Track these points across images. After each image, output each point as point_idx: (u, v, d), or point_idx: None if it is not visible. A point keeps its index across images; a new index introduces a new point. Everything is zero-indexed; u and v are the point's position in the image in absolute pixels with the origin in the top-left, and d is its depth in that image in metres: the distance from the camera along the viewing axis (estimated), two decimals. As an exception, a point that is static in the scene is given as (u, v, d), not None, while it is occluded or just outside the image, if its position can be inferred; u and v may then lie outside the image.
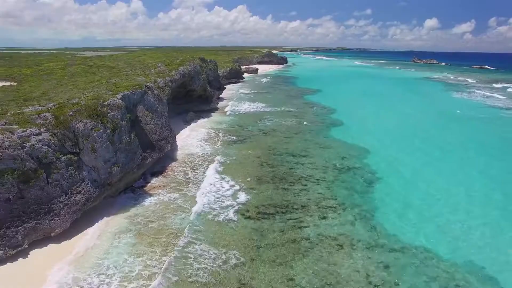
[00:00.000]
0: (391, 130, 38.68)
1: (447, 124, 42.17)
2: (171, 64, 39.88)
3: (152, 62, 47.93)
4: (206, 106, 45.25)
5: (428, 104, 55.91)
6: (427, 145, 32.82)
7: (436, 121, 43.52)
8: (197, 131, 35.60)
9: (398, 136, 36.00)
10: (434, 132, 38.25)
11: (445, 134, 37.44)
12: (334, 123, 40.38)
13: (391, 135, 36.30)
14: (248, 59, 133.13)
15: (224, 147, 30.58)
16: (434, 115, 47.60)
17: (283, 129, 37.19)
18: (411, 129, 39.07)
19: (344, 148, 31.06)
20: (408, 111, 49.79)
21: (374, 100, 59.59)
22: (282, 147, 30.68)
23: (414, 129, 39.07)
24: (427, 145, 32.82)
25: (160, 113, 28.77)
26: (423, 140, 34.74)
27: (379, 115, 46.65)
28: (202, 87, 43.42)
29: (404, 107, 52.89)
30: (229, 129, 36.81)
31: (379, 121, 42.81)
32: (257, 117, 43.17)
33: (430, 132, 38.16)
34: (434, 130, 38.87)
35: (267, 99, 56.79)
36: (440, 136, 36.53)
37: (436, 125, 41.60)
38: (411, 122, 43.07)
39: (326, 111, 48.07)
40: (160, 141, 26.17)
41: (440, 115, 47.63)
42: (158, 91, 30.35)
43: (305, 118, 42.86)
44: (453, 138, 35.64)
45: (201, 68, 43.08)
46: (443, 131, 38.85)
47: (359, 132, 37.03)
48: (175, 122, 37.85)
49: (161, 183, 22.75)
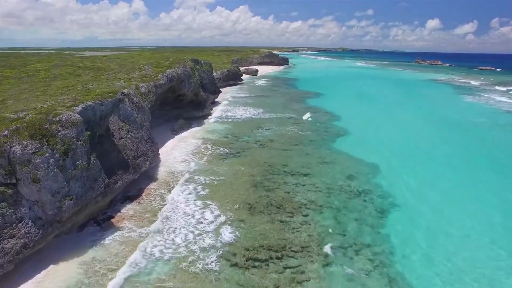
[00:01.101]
0: (402, 141, 34.74)
1: (465, 134, 38.18)
2: (158, 66, 36.08)
3: (145, 63, 44.29)
4: (198, 112, 41.41)
5: (440, 110, 51.87)
6: (445, 162, 28.85)
7: (452, 131, 39.49)
8: (185, 142, 31.76)
9: (411, 149, 32.05)
10: (451, 144, 34.20)
11: (464, 146, 33.44)
12: (338, 133, 36.48)
13: (402, 148, 32.37)
14: (248, 60, 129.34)
15: (213, 163, 26.73)
16: (448, 123, 43.59)
17: (282, 140, 33.31)
18: (424, 141, 35.10)
19: (350, 164, 27.17)
20: (418, 119, 45.80)
21: (381, 105, 55.63)
22: (281, 163, 26.81)
23: (427, 141, 35.10)
24: (445, 162, 28.85)
25: (140, 124, 24.98)
26: (441, 155, 30.75)
27: (387, 123, 42.71)
28: (194, 91, 39.58)
29: (414, 114, 48.89)
30: (221, 140, 32.96)
31: (387, 130, 38.86)
32: (254, 124, 39.31)
33: (447, 144, 34.14)
34: (452, 143, 34.81)
35: (266, 104, 52.91)
36: (459, 149, 32.53)
37: (453, 136, 37.59)
38: (423, 131, 39.10)
39: (329, 117, 44.17)
40: (136, 158, 22.35)
41: (455, 123, 43.63)
42: (138, 98, 26.56)
43: (306, 126, 38.97)
44: (475, 152, 31.66)
45: (192, 71, 39.26)
46: (461, 143, 34.83)
47: (366, 143, 33.11)
48: (161, 131, 34.09)
49: (134, 212, 18.93)
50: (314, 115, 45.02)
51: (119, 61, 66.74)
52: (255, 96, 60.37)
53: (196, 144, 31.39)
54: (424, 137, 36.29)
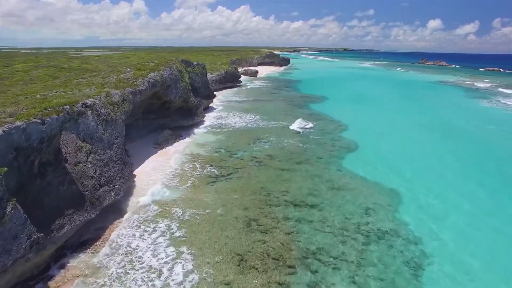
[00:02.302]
0: (423, 157, 29.88)
1: (495, 150, 33.35)
2: (141, 69, 31.30)
3: (136, 63, 39.53)
4: (188, 121, 36.61)
5: (459, 119, 46.98)
6: (482, 184, 24.03)
7: (480, 144, 34.63)
8: (169, 159, 26.98)
9: (436, 168, 27.19)
10: (483, 162, 29.34)
11: (497, 164, 28.60)
12: (348, 146, 31.63)
13: (425, 166, 27.51)
14: (247, 61, 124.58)
15: (199, 188, 21.95)
16: (472, 134, 38.72)
17: (283, 156, 28.51)
18: (452, 157, 30.17)
19: (365, 190, 22.36)
20: (438, 128, 40.88)
21: (391, 111, 50.76)
22: (281, 189, 22.02)
23: (455, 157, 30.15)
24: (482, 184, 24.03)
25: (108, 142, 20.23)
26: (475, 176, 25.94)
27: (402, 133, 37.86)
28: (182, 97, 34.78)
29: (431, 122, 44.02)
30: (212, 156, 28.16)
31: (404, 143, 34.02)
32: (251, 135, 34.50)
33: (479, 162, 29.27)
34: (483, 159, 29.95)
35: (266, 110, 48.10)
36: (493, 168, 27.68)
37: (481, 150, 32.75)
38: (448, 144, 34.08)
39: (335, 127, 39.34)
40: (98, 188, 17.59)
41: (480, 134, 38.79)
42: (108, 108, 21.80)
43: (311, 138, 34.15)
44: (509, 172, 26.85)
45: (181, 74, 34.43)
46: (493, 159, 29.99)
47: (381, 160, 28.29)
48: (143, 145, 29.35)
49: (85, 267, 14.15)
50: (319, 124, 40.19)
51: (109, 62, 62.18)
52: (254, 101, 55.53)
53: (182, 161, 26.59)
54: (451, 152, 31.35)
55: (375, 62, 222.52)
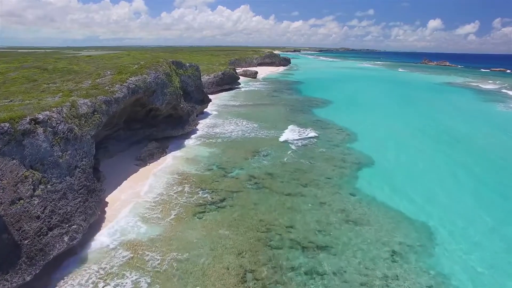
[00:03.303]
0: (453, 176, 25.66)
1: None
2: (122, 72, 27.10)
3: (119, 65, 35.42)
4: (178, 131, 32.42)
5: (480, 126, 42.85)
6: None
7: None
8: (151, 180, 22.81)
9: (473, 190, 23.04)
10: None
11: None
12: (360, 162, 27.45)
13: (457, 188, 23.33)
14: (247, 61, 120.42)
15: (183, 222, 17.79)
16: (499, 146, 34.57)
17: (286, 175, 24.35)
18: (485, 175, 26.06)
19: (387, 223, 18.21)
20: (461, 139, 36.64)
21: (403, 117, 46.56)
22: (284, 222, 17.88)
23: (489, 175, 26.03)
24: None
25: (67, 167, 16.15)
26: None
27: (420, 145, 33.60)
28: (171, 104, 30.61)
29: (452, 132, 39.75)
30: (203, 176, 23.99)
31: (425, 158, 29.75)
32: (248, 148, 30.35)
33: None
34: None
35: (266, 116, 43.94)
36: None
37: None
38: (476, 159, 29.96)
39: (344, 137, 35.14)
40: (44, 234, 13.49)
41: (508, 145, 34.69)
42: (72, 123, 17.69)
43: (316, 151, 29.97)
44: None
45: (168, 77, 30.21)
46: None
47: (402, 181, 24.11)
48: (122, 161, 25.23)
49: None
50: (325, 133, 36.02)
51: (100, 63, 58.18)
52: (252, 105, 51.34)
53: (167, 183, 22.41)
54: (484, 169, 27.18)
55: (377, 63, 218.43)
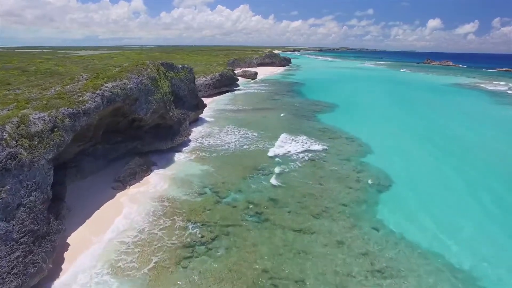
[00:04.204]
0: (479, 204, 21.67)
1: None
2: (99, 77, 23.00)
3: (100, 68, 31.42)
4: (167, 143, 28.31)
5: (500, 134, 38.86)
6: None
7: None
8: (129, 209, 18.73)
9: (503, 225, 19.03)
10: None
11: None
12: (378, 183, 23.33)
13: (488, 221, 19.32)
14: (246, 61, 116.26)
15: (164, 273, 13.73)
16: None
17: (292, 202, 20.27)
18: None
19: (426, 274, 14.16)
20: (479, 152, 32.71)
21: (418, 124, 42.45)
22: (293, 274, 13.82)
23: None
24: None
25: (3, 208, 12.15)
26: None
27: (441, 160, 29.52)
28: (157, 112, 26.52)
29: (469, 143, 35.82)
30: (192, 203, 19.92)
31: (448, 177, 25.72)
32: (247, 163, 26.28)
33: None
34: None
35: (266, 123, 39.89)
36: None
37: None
38: (498, 178, 25.98)
39: (355, 149, 31.04)
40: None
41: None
42: (18, 145, 13.69)
43: (326, 169, 25.87)
44: None
45: (154, 82, 26.07)
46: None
47: (433, 210, 20.05)
48: (97, 182, 21.20)
49: None
50: (334, 144, 31.95)
51: (90, 63, 54.17)
52: (252, 110, 47.24)
53: (149, 214, 18.33)
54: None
55: (378, 62, 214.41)
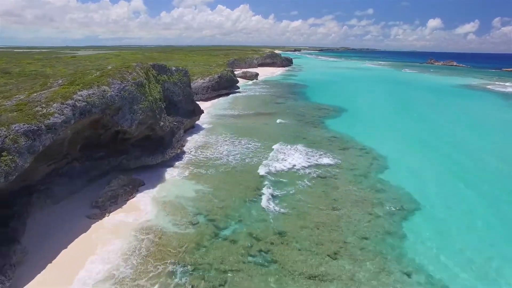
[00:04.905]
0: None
1: None
2: (74, 82, 19.47)
3: (79, 71, 28.00)
4: (157, 157, 24.76)
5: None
6: None
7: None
8: (105, 249, 15.24)
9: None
10: None
11: None
12: (402, 207, 19.81)
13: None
14: (246, 61, 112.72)
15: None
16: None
17: (304, 235, 16.74)
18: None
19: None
20: (509, 161, 29.21)
21: (436, 131, 38.92)
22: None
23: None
24: None
25: None
26: None
27: (469, 175, 26.02)
28: (145, 123, 22.98)
29: (494, 151, 32.31)
30: (183, 237, 16.41)
31: (480, 200, 22.24)
32: (248, 183, 22.74)
33: None
34: None
35: (269, 130, 36.38)
36: None
37: None
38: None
39: (370, 162, 27.44)
40: None
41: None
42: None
43: (340, 189, 22.29)
44: None
45: (140, 89, 22.50)
46: None
47: (465, 246, 16.60)
48: (69, 210, 17.73)
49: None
50: (345, 157, 28.39)
51: (81, 64, 50.92)
52: (253, 115, 43.72)
53: (128, 254, 14.80)
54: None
55: (380, 63, 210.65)
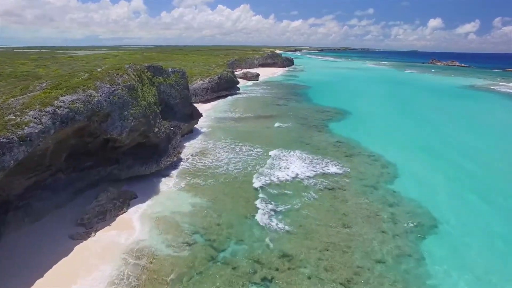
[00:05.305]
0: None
1: None
2: (58, 86, 17.65)
3: (67, 74, 26.28)
4: (151, 166, 22.89)
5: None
6: None
7: None
8: (85, 278, 13.40)
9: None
10: None
11: None
12: (418, 222, 17.98)
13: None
14: (247, 61, 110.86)
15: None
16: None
17: (311, 262, 14.89)
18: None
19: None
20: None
21: (445, 136, 37.09)
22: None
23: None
24: None
25: None
26: None
27: (487, 188, 24.19)
28: (137, 130, 21.15)
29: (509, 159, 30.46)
30: (177, 261, 14.57)
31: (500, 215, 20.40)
32: (248, 195, 20.89)
33: None
34: None
35: (271, 135, 34.55)
36: None
37: None
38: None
39: (380, 172, 25.56)
40: None
41: None
42: None
43: (350, 202, 20.44)
44: None
45: (132, 93, 20.66)
46: None
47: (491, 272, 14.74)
48: (50, 229, 15.92)
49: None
50: (354, 164, 26.53)
51: (77, 65, 49.36)
52: (254, 118, 41.87)
53: (110, 283, 12.97)
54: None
55: (382, 63, 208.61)
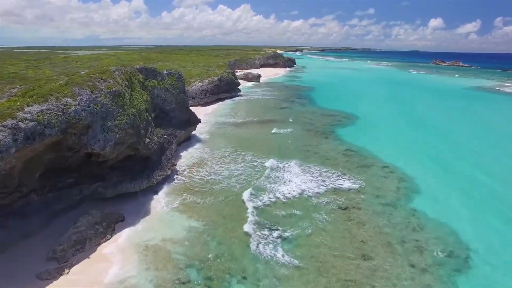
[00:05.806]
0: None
1: None
2: (28, 93, 15.05)
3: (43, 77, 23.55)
4: (141, 182, 20.26)
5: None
6: None
7: None
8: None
9: None
10: None
11: None
12: (451, 255, 15.38)
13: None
14: (248, 62, 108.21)
15: None
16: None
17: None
18: None
19: None
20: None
21: (463, 144, 34.47)
22: None
23: None
24: None
25: None
26: None
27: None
28: (124, 143, 18.54)
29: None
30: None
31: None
32: (251, 221, 18.28)
33: None
34: None
35: (275, 142, 31.93)
36: None
37: None
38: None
39: (397, 186, 22.91)
40: None
41: None
42: None
43: (367, 225, 17.82)
44: None
45: (117, 100, 18.09)
46: None
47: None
48: (17, 264, 13.23)
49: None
50: (367, 178, 23.87)
51: (71, 65, 46.67)
52: (257, 123, 39.24)
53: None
54: None
55: (385, 63, 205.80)
